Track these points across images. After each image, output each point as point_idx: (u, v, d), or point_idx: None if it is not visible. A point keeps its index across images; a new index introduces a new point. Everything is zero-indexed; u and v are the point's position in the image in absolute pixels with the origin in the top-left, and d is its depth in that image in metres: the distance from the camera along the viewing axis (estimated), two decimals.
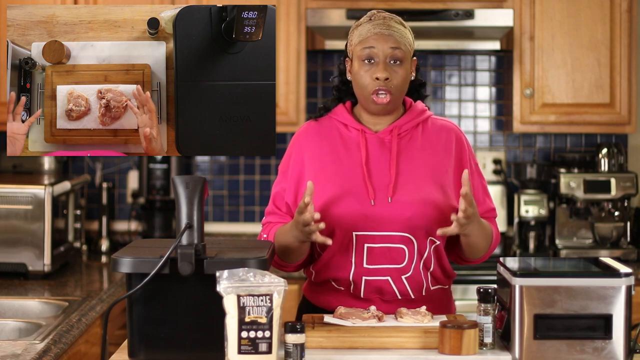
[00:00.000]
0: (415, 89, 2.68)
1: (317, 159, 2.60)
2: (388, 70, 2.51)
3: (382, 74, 2.50)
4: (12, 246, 3.68)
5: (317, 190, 2.54)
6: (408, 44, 2.56)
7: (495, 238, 2.64)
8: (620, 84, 4.24)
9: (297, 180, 2.61)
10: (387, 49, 2.52)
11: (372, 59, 2.53)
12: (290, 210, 2.62)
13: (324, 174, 2.57)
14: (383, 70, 2.51)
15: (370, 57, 2.53)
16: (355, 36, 2.57)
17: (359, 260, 2.54)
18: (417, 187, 2.53)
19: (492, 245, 2.62)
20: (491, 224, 2.63)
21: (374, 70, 2.52)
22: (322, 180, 2.56)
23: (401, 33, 2.55)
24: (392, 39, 2.53)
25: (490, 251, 2.63)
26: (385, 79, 2.50)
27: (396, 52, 2.52)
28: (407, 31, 2.58)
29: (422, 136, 2.61)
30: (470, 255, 2.62)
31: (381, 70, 2.51)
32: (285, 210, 2.63)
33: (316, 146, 2.61)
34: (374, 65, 2.52)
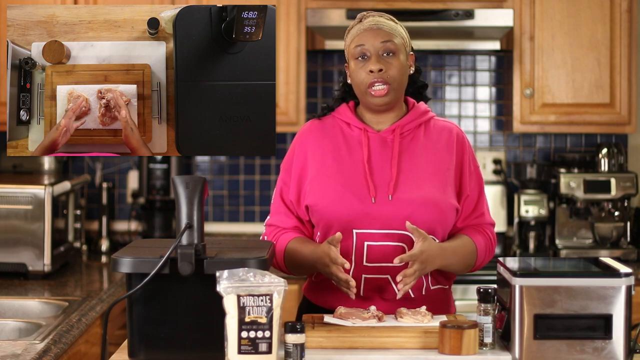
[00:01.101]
0: (418, 91, 2.69)
1: (319, 156, 2.61)
2: (381, 62, 2.53)
3: (374, 65, 2.52)
4: (12, 246, 3.68)
5: (319, 187, 2.55)
6: (400, 36, 2.58)
7: (483, 249, 2.62)
8: (620, 84, 4.24)
9: (299, 178, 2.62)
10: (378, 43, 2.54)
11: (365, 54, 2.55)
12: (293, 208, 2.62)
13: (326, 171, 2.58)
14: (376, 62, 2.53)
15: (363, 53, 2.55)
16: (349, 38, 2.61)
17: (358, 258, 2.54)
18: (418, 186, 2.54)
19: (479, 257, 2.62)
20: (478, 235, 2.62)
21: (367, 65, 2.54)
22: (323, 178, 2.57)
23: (391, 26, 2.58)
24: (382, 32, 2.55)
25: (480, 263, 2.63)
26: (379, 70, 2.53)
27: (387, 44, 2.55)
28: (398, 26, 2.61)
29: (424, 136, 2.62)
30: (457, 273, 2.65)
31: (374, 63, 2.53)
32: (291, 207, 2.64)
33: (319, 144, 2.63)
34: (367, 61, 2.54)
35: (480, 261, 2.63)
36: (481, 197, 2.66)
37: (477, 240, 2.61)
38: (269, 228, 2.67)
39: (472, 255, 2.60)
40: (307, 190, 2.59)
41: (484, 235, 2.63)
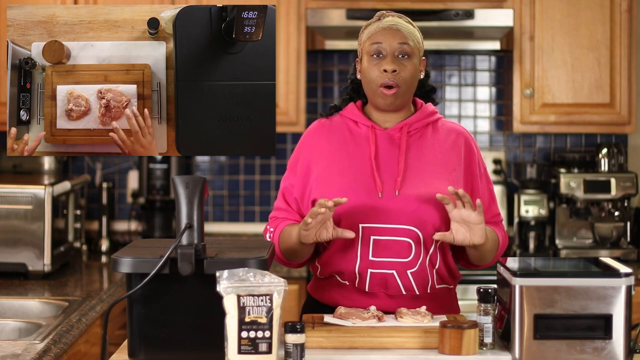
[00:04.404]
0: (427, 94, 2.70)
1: (326, 153, 2.62)
2: (396, 63, 2.54)
3: (389, 66, 2.53)
4: (12, 246, 3.68)
5: (326, 181, 2.56)
6: (416, 40, 2.59)
7: (502, 242, 2.65)
8: (620, 84, 4.24)
9: (305, 176, 2.63)
10: (395, 44, 2.55)
11: (380, 53, 2.56)
12: (298, 206, 2.63)
13: (333, 167, 2.59)
14: (391, 62, 2.54)
15: (378, 51, 2.56)
16: (365, 35, 2.62)
17: (364, 253, 2.55)
18: (425, 182, 2.55)
19: (500, 249, 2.64)
20: (497, 229, 2.65)
21: (382, 64, 2.55)
22: (330, 172, 2.58)
23: (409, 30, 2.59)
24: (400, 34, 2.56)
25: (498, 255, 2.64)
26: (393, 71, 2.53)
27: (404, 46, 2.56)
28: (415, 29, 2.63)
29: (432, 136, 2.63)
30: (477, 262, 2.63)
31: (389, 63, 2.54)
32: (294, 206, 2.64)
33: (326, 141, 2.64)
34: (382, 59, 2.55)
35: (499, 253, 2.64)
36: (493, 198, 2.68)
37: (497, 231, 2.64)
38: (271, 220, 2.68)
39: (497, 243, 2.62)
40: (313, 185, 2.60)
41: (501, 231, 2.66)
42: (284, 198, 2.67)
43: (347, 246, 2.56)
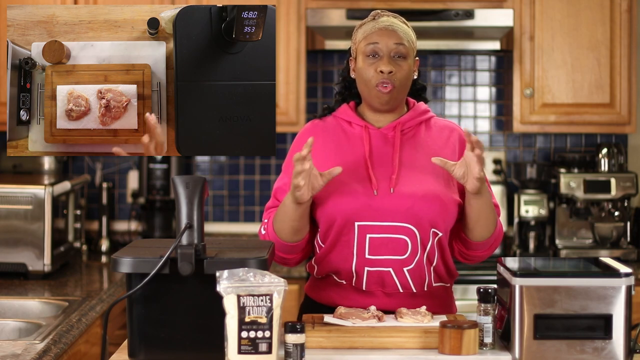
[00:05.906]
0: (417, 92, 2.71)
1: (320, 153, 2.62)
2: (392, 64, 2.55)
3: (386, 67, 2.54)
4: (12, 246, 3.68)
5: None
6: (411, 41, 2.60)
7: (499, 230, 2.63)
8: (620, 84, 4.24)
9: None
10: (391, 44, 2.56)
11: (377, 54, 2.57)
12: None
13: (327, 167, 2.58)
14: (387, 63, 2.54)
15: (374, 52, 2.57)
16: (360, 34, 2.62)
17: (360, 251, 2.55)
18: (420, 180, 2.55)
19: (496, 234, 2.61)
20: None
21: (378, 64, 2.55)
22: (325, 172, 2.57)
23: (404, 30, 2.60)
24: (395, 34, 2.57)
25: (494, 243, 2.62)
26: (389, 72, 2.54)
27: (400, 47, 2.56)
28: (409, 30, 2.63)
29: (425, 134, 2.64)
30: (474, 235, 2.58)
31: (385, 64, 2.54)
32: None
33: (320, 142, 2.64)
34: (378, 60, 2.56)
35: (494, 240, 2.61)
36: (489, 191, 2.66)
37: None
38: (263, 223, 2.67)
39: (495, 217, 2.58)
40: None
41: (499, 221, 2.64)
42: (275, 198, 2.67)
43: (342, 245, 2.56)
